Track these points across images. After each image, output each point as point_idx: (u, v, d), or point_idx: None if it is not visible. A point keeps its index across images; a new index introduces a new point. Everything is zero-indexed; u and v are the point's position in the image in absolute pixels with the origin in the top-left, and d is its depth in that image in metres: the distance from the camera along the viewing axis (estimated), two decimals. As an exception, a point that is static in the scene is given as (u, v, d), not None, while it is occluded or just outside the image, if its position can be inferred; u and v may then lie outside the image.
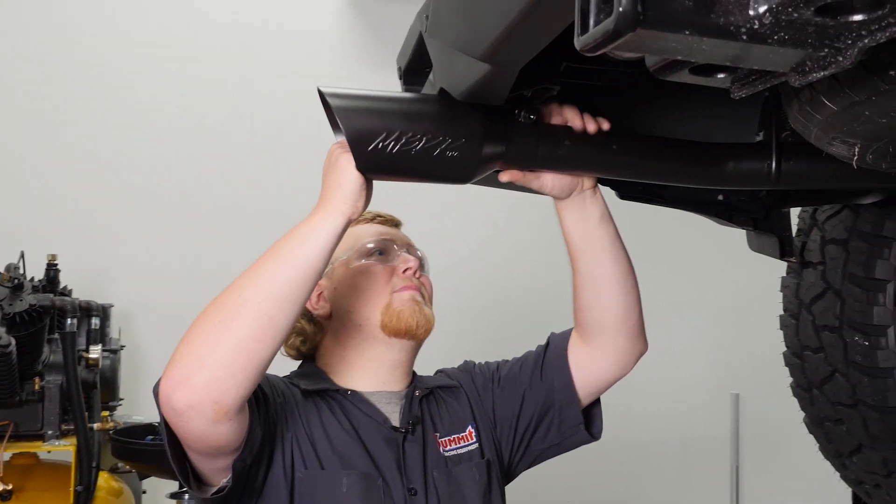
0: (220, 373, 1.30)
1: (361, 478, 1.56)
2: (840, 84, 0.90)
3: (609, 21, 0.72)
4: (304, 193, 4.50)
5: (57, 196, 4.44)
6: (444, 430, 1.72)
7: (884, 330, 1.84)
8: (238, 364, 1.31)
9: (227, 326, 1.32)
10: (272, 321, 1.34)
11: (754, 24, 0.73)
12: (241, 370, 1.31)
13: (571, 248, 1.68)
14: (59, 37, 4.53)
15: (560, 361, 1.78)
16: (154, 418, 3.43)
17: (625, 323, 1.72)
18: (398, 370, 1.75)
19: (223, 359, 1.31)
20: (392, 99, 1.44)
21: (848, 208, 1.95)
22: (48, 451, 3.11)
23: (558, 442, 1.81)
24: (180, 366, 1.32)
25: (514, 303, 5.02)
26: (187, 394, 1.30)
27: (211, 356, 1.31)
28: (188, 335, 1.34)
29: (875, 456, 1.93)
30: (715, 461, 5.39)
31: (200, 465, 1.46)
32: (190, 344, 1.33)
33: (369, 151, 1.35)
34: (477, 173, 1.43)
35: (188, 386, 1.30)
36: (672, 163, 1.53)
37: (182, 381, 1.30)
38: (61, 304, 3.20)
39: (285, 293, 1.35)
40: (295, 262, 1.37)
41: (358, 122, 1.35)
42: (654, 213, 1.94)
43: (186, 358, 1.32)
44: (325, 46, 4.95)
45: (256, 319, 1.33)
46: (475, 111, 1.39)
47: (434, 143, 1.36)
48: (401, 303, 1.70)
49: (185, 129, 4.65)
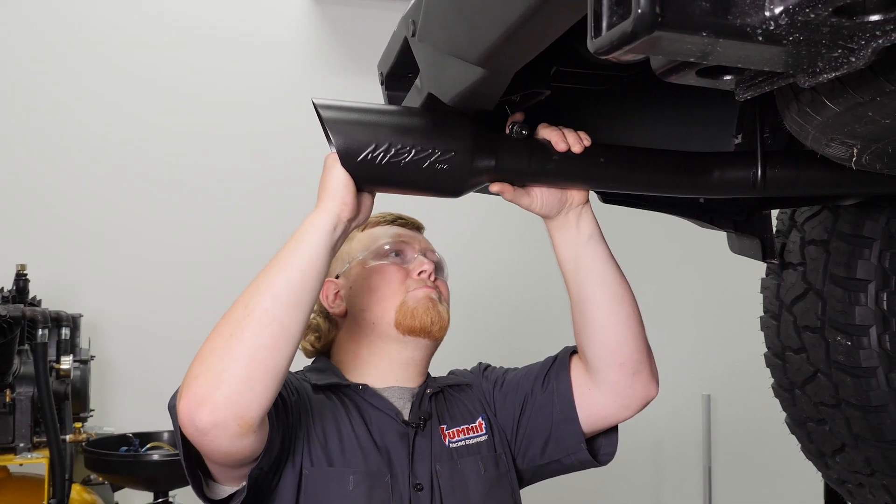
0: (239, 387, 1.29)
1: (368, 476, 1.55)
2: (844, 85, 0.91)
3: (627, 23, 0.72)
4: (273, 203, 4.53)
5: (25, 205, 4.37)
6: (452, 422, 1.71)
7: (866, 330, 1.85)
8: (256, 375, 1.30)
9: (238, 339, 1.31)
10: (282, 327, 1.33)
11: (770, 25, 0.73)
12: (259, 381, 1.30)
13: (562, 268, 1.64)
14: (24, 46, 4.46)
15: (563, 377, 1.73)
16: (125, 429, 3.44)
17: (615, 355, 1.63)
18: (412, 368, 1.74)
19: (240, 372, 1.29)
20: (383, 111, 1.44)
21: (827, 209, 1.97)
22: (20, 464, 3.06)
23: (558, 459, 1.74)
24: (198, 384, 1.30)
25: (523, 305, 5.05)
26: (210, 412, 1.28)
27: (228, 371, 1.29)
28: (201, 353, 1.33)
29: (858, 455, 1.94)
30: (687, 462, 5.42)
31: (218, 472, 1.45)
32: (204, 361, 1.32)
33: (358, 162, 1.36)
34: (467, 187, 1.44)
35: (210, 404, 1.28)
36: (659, 174, 1.53)
37: (203, 400, 1.29)
38: (32, 315, 3.15)
39: (290, 297, 1.34)
40: (293, 265, 1.36)
41: (347, 134, 1.36)
42: (627, 214, 1.93)
43: (203, 376, 1.30)
44: (292, 54, 4.92)
45: (266, 327, 1.32)
46: (466, 125, 1.40)
47: (423, 156, 1.36)
48: (415, 301, 1.69)
49: (152, 140, 4.60)
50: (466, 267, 4.70)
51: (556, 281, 1.69)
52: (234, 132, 4.74)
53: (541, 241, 1.72)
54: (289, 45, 4.94)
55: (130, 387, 4.40)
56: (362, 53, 1.62)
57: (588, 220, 1.60)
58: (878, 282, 1.86)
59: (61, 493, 2.92)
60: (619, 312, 1.61)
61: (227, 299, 1.37)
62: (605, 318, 1.61)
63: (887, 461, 1.89)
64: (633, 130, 1.74)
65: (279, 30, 4.93)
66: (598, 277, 1.61)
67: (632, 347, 1.64)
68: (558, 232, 1.61)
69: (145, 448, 3.21)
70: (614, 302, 1.61)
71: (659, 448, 5.43)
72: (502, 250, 5.11)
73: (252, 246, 4.35)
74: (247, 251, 4.41)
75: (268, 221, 4.49)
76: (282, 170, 4.70)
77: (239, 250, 4.46)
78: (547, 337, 1.90)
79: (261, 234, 4.37)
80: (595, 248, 1.60)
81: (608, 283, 1.61)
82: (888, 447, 1.87)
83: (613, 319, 1.61)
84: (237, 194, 4.70)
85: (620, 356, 1.63)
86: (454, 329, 1.77)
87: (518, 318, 5.08)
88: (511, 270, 5.13)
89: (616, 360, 1.63)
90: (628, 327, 1.62)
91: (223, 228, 4.61)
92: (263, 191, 4.70)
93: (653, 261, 5.34)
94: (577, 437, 1.70)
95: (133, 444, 3.20)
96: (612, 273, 1.62)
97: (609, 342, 1.62)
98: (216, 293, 4.39)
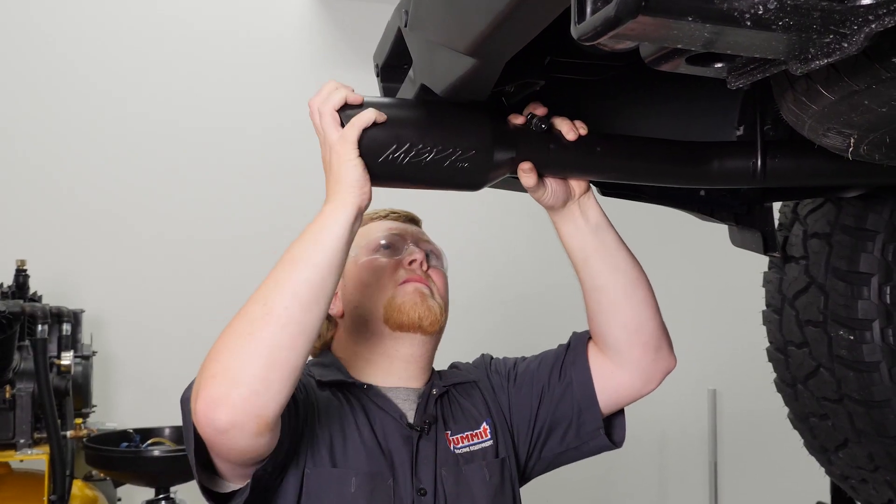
0: (257, 386, 1.27)
1: (370, 478, 1.53)
2: (839, 73, 0.88)
3: (609, 8, 0.70)
4: (277, 198, 4.51)
5: (25, 200, 4.36)
6: (457, 427, 1.68)
7: (868, 324, 1.84)
8: (274, 374, 1.28)
9: (256, 338, 1.28)
10: (300, 325, 1.30)
11: (758, 10, 0.70)
12: (277, 380, 1.28)
13: (572, 259, 1.64)
14: (26, 41, 4.45)
15: (581, 363, 1.73)
16: (128, 424, 3.43)
17: (637, 335, 1.65)
18: (412, 366, 1.69)
19: (258, 371, 1.27)
20: (404, 107, 1.42)
21: (830, 202, 1.95)
22: (20, 460, 3.05)
23: (576, 446, 1.75)
24: (215, 384, 1.27)
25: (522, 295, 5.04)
26: (229, 412, 1.26)
27: (245, 370, 1.27)
28: (217, 351, 1.30)
29: (861, 451, 1.92)
30: (693, 457, 5.40)
31: (226, 469, 1.43)
32: (220, 360, 1.29)
33: (380, 163, 1.33)
34: (487, 181, 1.43)
35: (228, 404, 1.26)
36: (661, 164, 1.53)
37: (221, 400, 1.26)
38: (31, 311, 3.15)
39: (309, 294, 1.31)
40: (312, 262, 1.32)
41: (368, 133, 1.33)
42: (630, 207, 1.92)
43: (221, 375, 1.27)
44: (296, 50, 4.90)
45: (285, 326, 1.29)
46: (486, 121, 1.39)
47: (444, 155, 1.35)
48: (403, 295, 1.65)
49: (154, 134, 4.58)
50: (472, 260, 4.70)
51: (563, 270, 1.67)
52: (237, 127, 4.72)
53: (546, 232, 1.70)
54: (293, 40, 4.92)
55: (133, 382, 4.39)
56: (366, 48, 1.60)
57: (594, 209, 1.59)
58: (881, 275, 1.84)
59: (62, 489, 2.92)
60: (636, 295, 1.63)
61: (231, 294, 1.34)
62: (624, 302, 1.62)
63: (890, 456, 1.87)
64: (633, 123, 1.72)
65: (283, 25, 4.92)
66: (612, 265, 1.61)
67: (653, 326, 1.66)
68: (564, 223, 1.60)
69: (146, 444, 3.19)
70: (630, 286, 1.62)
71: (665, 443, 5.42)
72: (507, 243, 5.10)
73: (255, 241, 4.35)
74: (250, 246, 4.41)
75: (271, 217, 4.48)
76: (285, 165, 4.69)
77: (242, 246, 4.46)
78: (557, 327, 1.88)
79: (264, 229, 4.37)
80: (604, 236, 1.60)
81: (622, 268, 1.62)
82: (891, 442, 1.85)
83: (632, 303, 1.63)
84: (240, 189, 4.69)
85: (643, 336, 1.65)
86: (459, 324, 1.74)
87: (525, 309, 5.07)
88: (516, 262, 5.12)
89: (639, 340, 1.65)
90: (647, 307, 1.64)
91: (226, 224, 4.60)
92: (266, 186, 4.68)
93: (658, 256, 5.30)
94: (596, 423, 1.72)
95: (134, 440, 3.19)
96: (625, 258, 1.63)
97: (630, 324, 1.64)
98: (219, 289, 4.41)
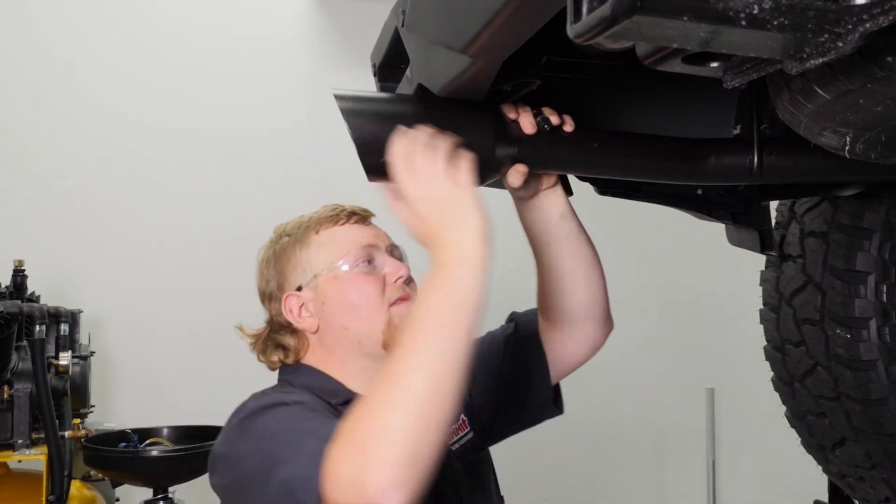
0: (427, 470, 1.20)
1: None
2: (834, 72, 0.89)
3: (605, 7, 0.70)
4: (276, 200, 4.50)
5: (23, 200, 4.36)
6: None
7: (865, 322, 1.84)
8: (437, 453, 1.22)
9: (433, 424, 1.21)
10: (453, 398, 1.24)
11: (754, 9, 0.70)
12: (436, 457, 1.23)
13: (533, 243, 1.70)
14: (23, 44, 4.45)
15: (534, 344, 1.80)
16: (127, 425, 3.42)
17: (592, 310, 1.76)
18: None
19: (431, 456, 1.20)
20: (404, 102, 1.42)
21: (827, 200, 1.95)
22: (18, 460, 3.04)
23: (528, 419, 1.85)
24: (397, 468, 1.18)
25: None
26: (405, 497, 1.18)
27: (423, 457, 1.19)
28: (396, 433, 1.20)
29: (858, 449, 1.93)
30: (691, 456, 5.40)
31: None
32: (400, 444, 1.19)
33: (381, 162, 1.32)
34: (487, 178, 1.44)
35: (406, 490, 1.18)
36: (658, 160, 1.54)
37: (400, 485, 1.17)
38: (29, 311, 3.15)
39: (464, 359, 1.25)
40: (467, 330, 1.25)
41: (368, 129, 1.33)
42: (628, 205, 1.93)
43: (402, 460, 1.18)
44: (295, 50, 4.90)
45: (452, 402, 1.23)
46: (488, 118, 1.40)
47: None
48: (399, 318, 1.61)
49: (152, 136, 4.58)
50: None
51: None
52: (236, 129, 4.72)
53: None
54: (291, 40, 4.92)
55: (131, 383, 4.39)
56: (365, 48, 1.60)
57: (561, 198, 1.66)
58: (877, 274, 1.84)
59: (60, 490, 2.92)
60: (592, 276, 1.74)
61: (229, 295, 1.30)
62: (581, 283, 1.73)
63: (888, 455, 1.87)
64: (631, 122, 1.72)
65: (282, 25, 4.91)
66: (573, 250, 1.70)
67: (603, 300, 1.78)
68: (531, 211, 1.66)
69: (144, 444, 3.19)
70: (588, 269, 1.73)
71: (663, 442, 5.42)
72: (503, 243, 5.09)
73: (255, 241, 4.27)
74: (249, 247, 4.35)
75: (269, 219, 4.44)
76: (284, 166, 4.69)
77: (241, 246, 4.40)
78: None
79: (262, 230, 4.33)
80: (569, 223, 1.68)
81: (582, 253, 1.72)
82: (888, 440, 1.85)
83: (588, 283, 1.74)
84: (239, 190, 4.68)
85: (596, 310, 1.77)
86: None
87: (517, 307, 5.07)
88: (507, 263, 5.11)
89: (592, 314, 1.77)
90: (599, 287, 1.76)
91: (225, 225, 4.59)
92: (265, 187, 4.67)
93: (656, 255, 5.33)
94: (548, 396, 1.82)
95: (132, 440, 3.19)
96: (585, 244, 1.72)
97: (585, 302, 1.75)
98: (218, 289, 4.41)
